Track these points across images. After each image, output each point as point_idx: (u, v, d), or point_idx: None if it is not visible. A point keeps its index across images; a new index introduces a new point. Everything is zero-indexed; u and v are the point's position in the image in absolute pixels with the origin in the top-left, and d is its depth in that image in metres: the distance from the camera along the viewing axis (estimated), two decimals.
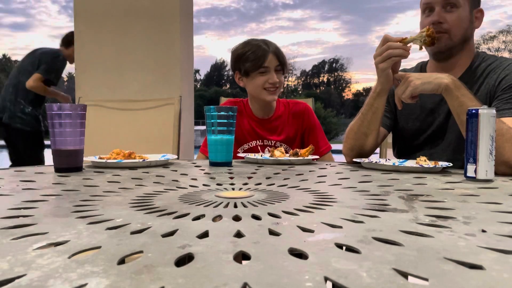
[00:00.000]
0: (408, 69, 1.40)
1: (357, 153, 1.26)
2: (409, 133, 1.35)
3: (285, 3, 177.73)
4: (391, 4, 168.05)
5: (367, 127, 1.22)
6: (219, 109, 1.13)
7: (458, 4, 1.17)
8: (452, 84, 1.04)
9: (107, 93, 2.66)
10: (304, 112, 1.59)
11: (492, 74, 1.18)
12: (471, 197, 0.64)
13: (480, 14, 1.23)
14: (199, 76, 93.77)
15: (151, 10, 2.65)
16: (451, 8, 1.17)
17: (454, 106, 1.05)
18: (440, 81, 1.05)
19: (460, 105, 1.03)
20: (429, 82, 1.05)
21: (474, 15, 1.22)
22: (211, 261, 0.33)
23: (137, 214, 0.51)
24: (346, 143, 1.28)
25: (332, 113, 29.76)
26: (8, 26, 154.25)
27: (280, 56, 1.52)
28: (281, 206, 0.56)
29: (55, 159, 0.98)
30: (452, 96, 1.05)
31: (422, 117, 1.31)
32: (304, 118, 1.59)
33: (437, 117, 1.27)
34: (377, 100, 1.20)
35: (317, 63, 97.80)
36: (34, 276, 0.29)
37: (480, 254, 0.35)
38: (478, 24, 1.23)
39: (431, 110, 1.28)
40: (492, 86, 1.16)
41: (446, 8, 1.17)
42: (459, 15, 1.17)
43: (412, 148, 1.35)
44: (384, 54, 1.11)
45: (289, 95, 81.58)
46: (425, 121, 1.30)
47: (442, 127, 1.26)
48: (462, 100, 1.03)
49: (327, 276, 0.29)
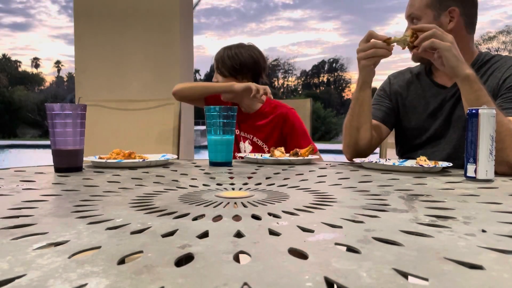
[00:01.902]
0: (413, 67, 1.41)
1: (354, 150, 1.28)
2: (411, 132, 1.35)
3: (285, 3, 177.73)
4: (391, 4, 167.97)
5: (357, 121, 1.25)
6: (219, 109, 1.13)
7: (418, 17, 1.24)
8: (472, 76, 1.03)
9: (107, 93, 2.66)
10: (284, 118, 1.65)
11: (497, 73, 1.17)
12: (471, 197, 0.64)
13: (454, 13, 1.20)
14: (199, 76, 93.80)
15: (151, 10, 2.65)
16: (416, 21, 1.24)
17: (470, 98, 1.04)
18: (464, 67, 1.04)
19: (477, 98, 1.02)
20: (458, 59, 1.03)
21: (443, 18, 1.21)
22: (211, 261, 0.33)
23: (137, 214, 0.51)
24: (344, 140, 1.32)
25: (332, 113, 29.75)
26: (8, 26, 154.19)
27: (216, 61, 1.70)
28: (281, 206, 0.56)
29: (55, 159, 0.98)
30: (471, 87, 1.03)
31: (424, 116, 1.31)
32: (286, 123, 1.65)
33: (440, 116, 1.27)
34: (361, 93, 1.23)
35: (317, 63, 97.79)
36: (34, 276, 0.29)
37: (480, 254, 0.35)
38: (454, 24, 1.21)
39: (434, 110, 1.29)
40: (496, 85, 1.15)
41: (413, 21, 1.26)
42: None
43: (414, 146, 1.35)
44: (369, 52, 1.14)
45: (289, 95, 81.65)
46: (428, 120, 1.30)
47: (444, 126, 1.26)
48: (479, 94, 1.02)
49: (327, 276, 0.29)
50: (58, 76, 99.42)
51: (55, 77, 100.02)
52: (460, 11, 1.20)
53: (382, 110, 1.38)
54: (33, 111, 42.11)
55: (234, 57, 1.64)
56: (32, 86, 74.35)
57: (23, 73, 78.85)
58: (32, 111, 42.24)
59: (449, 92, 1.25)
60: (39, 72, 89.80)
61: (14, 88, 53.37)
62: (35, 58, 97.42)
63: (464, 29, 1.22)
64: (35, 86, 76.97)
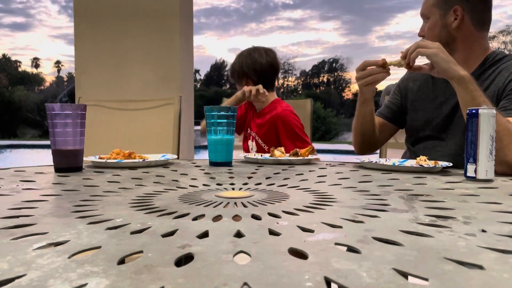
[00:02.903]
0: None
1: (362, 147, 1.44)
2: (416, 124, 1.37)
3: (285, 3, 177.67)
4: (391, 4, 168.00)
5: (360, 128, 1.38)
6: (219, 109, 1.13)
7: (427, 16, 1.29)
8: (467, 77, 1.05)
9: (107, 93, 2.66)
10: (277, 118, 1.72)
11: (504, 72, 1.17)
12: (471, 197, 0.64)
13: (459, 11, 1.21)
14: (199, 76, 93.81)
15: (151, 10, 2.65)
16: (426, 20, 1.30)
17: (465, 99, 1.05)
18: (457, 69, 1.06)
19: (472, 99, 1.03)
20: (447, 61, 1.06)
21: (448, 17, 1.22)
22: (211, 261, 0.33)
23: (137, 214, 0.51)
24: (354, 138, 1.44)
25: (332, 113, 29.72)
26: (8, 26, 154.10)
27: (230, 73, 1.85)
28: (281, 206, 0.56)
29: (55, 159, 0.98)
30: (465, 89, 1.05)
31: (431, 109, 1.32)
32: (279, 124, 1.72)
33: (444, 110, 1.28)
34: (363, 107, 1.33)
35: (317, 63, 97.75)
36: (34, 276, 0.29)
37: (480, 254, 0.35)
38: (458, 22, 1.21)
39: (441, 103, 1.30)
40: (502, 84, 1.15)
41: (424, 20, 1.31)
42: (428, 25, 1.28)
43: (418, 139, 1.37)
44: (368, 79, 1.20)
45: (289, 95, 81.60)
46: (433, 113, 1.31)
47: (448, 120, 1.27)
48: (474, 94, 1.03)
49: (327, 276, 0.29)
50: (58, 76, 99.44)
51: (55, 77, 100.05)
52: (464, 9, 1.21)
53: (390, 108, 1.45)
54: (33, 111, 42.08)
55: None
56: (32, 86, 74.37)
57: (23, 73, 78.86)
58: (32, 111, 42.22)
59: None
60: (39, 72, 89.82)
61: (14, 88, 53.35)
62: (35, 58, 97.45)
63: (471, 26, 1.22)
64: (35, 86, 76.99)
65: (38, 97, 45.96)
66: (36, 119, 42.37)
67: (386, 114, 1.45)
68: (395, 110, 1.44)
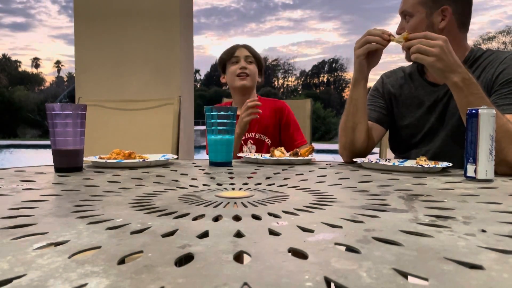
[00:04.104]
0: (405, 66, 1.41)
1: (350, 151, 1.27)
2: (405, 131, 1.35)
3: (285, 3, 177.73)
4: (391, 4, 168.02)
5: (352, 121, 1.25)
6: (219, 109, 1.13)
7: (411, 14, 1.24)
8: (461, 82, 1.02)
9: (107, 93, 2.66)
10: (282, 109, 1.78)
11: (489, 68, 1.16)
12: (471, 197, 0.64)
13: (447, 11, 1.20)
14: (199, 76, 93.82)
15: (151, 10, 2.65)
16: (408, 18, 1.25)
17: (462, 104, 1.04)
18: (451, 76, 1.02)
19: (468, 104, 1.01)
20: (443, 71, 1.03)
21: (435, 17, 1.20)
22: (211, 261, 0.33)
23: (137, 214, 0.51)
24: (340, 142, 1.30)
25: (332, 113, 29.76)
26: (8, 26, 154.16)
27: (250, 49, 1.79)
28: (281, 206, 0.56)
29: (55, 159, 0.98)
30: (459, 94, 1.03)
31: (419, 115, 1.31)
32: (283, 114, 1.77)
33: (434, 114, 1.27)
34: (354, 91, 1.23)
35: (317, 63, 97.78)
36: (34, 276, 0.29)
37: (480, 254, 0.35)
38: (446, 23, 1.20)
39: (429, 108, 1.28)
40: (489, 80, 1.14)
41: (405, 18, 1.26)
42: (412, 23, 1.23)
43: (409, 145, 1.35)
44: (362, 39, 1.16)
45: (288, 95, 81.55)
46: (422, 118, 1.30)
47: (438, 124, 1.26)
48: (469, 99, 1.01)
49: (327, 276, 0.29)
50: (58, 76, 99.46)
51: (55, 77, 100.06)
52: (452, 10, 1.20)
53: (376, 111, 1.38)
54: (33, 111, 42.08)
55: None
56: (32, 86, 74.35)
57: (23, 73, 78.87)
58: (32, 111, 42.23)
59: (442, 90, 1.25)
60: (39, 72, 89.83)
61: (14, 88, 53.34)
62: (35, 58, 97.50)
63: (456, 27, 1.22)
64: (35, 86, 76.98)
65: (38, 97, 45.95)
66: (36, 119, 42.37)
67: (373, 116, 1.37)
68: (383, 113, 1.38)
